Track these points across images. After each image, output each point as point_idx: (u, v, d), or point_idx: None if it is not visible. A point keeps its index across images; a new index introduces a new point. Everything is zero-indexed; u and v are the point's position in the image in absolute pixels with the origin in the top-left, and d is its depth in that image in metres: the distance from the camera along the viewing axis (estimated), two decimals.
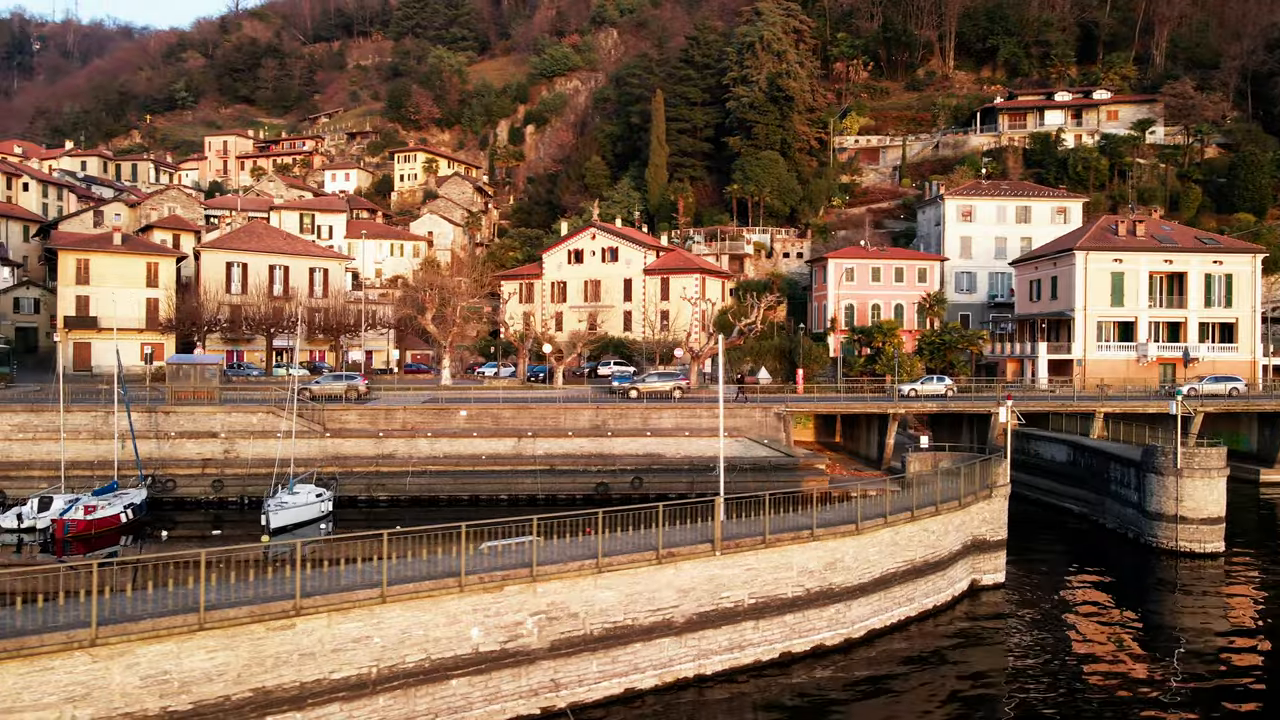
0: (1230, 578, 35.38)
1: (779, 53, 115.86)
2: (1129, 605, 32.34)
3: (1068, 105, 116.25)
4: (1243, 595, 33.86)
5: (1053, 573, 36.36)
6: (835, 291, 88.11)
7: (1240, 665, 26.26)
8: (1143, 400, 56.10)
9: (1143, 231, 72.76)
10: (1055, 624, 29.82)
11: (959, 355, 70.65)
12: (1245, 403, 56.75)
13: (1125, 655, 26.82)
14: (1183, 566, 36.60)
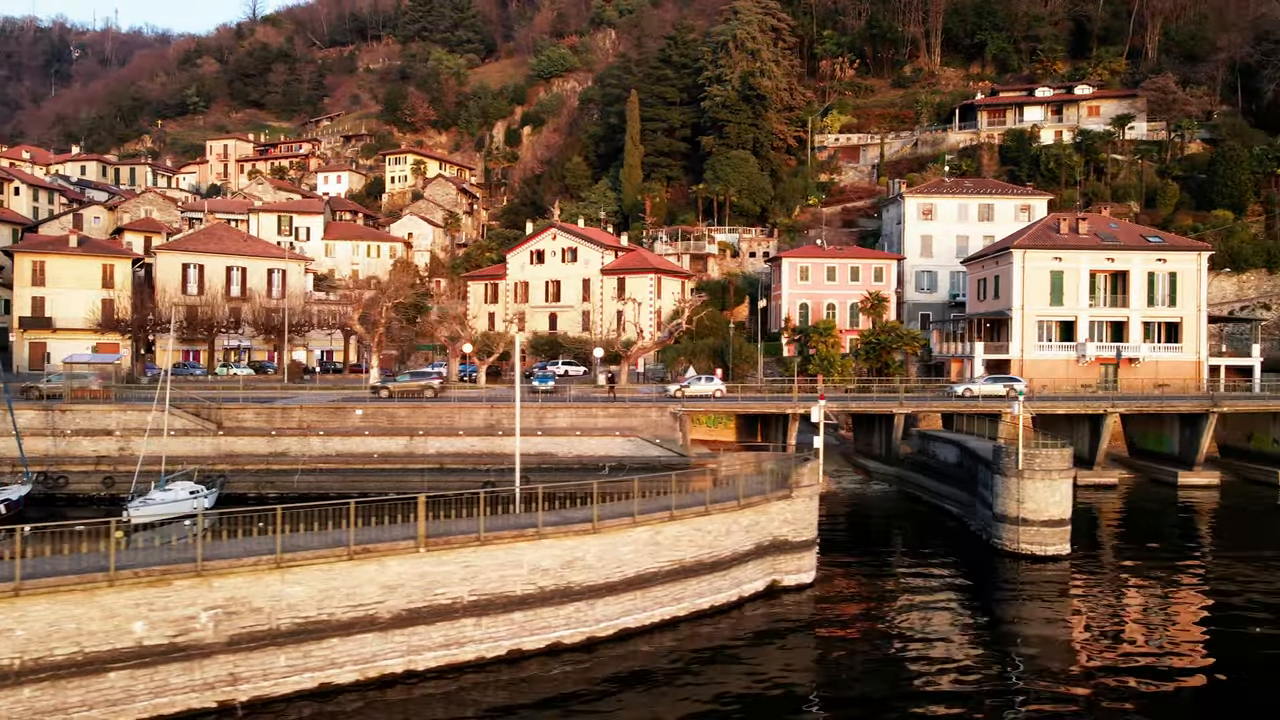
0: (1062, 582, 34.65)
1: (752, 51, 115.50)
2: (947, 607, 31.87)
3: (1048, 101, 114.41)
4: (1066, 600, 33.17)
5: (883, 574, 35.91)
6: (789, 291, 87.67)
7: (1039, 670, 25.97)
8: (1051, 401, 55.20)
9: (1086, 230, 71.41)
10: (854, 625, 29.55)
11: (894, 356, 69.88)
12: (1159, 404, 55.59)
13: (914, 656, 26.55)
14: (1022, 569, 36.03)
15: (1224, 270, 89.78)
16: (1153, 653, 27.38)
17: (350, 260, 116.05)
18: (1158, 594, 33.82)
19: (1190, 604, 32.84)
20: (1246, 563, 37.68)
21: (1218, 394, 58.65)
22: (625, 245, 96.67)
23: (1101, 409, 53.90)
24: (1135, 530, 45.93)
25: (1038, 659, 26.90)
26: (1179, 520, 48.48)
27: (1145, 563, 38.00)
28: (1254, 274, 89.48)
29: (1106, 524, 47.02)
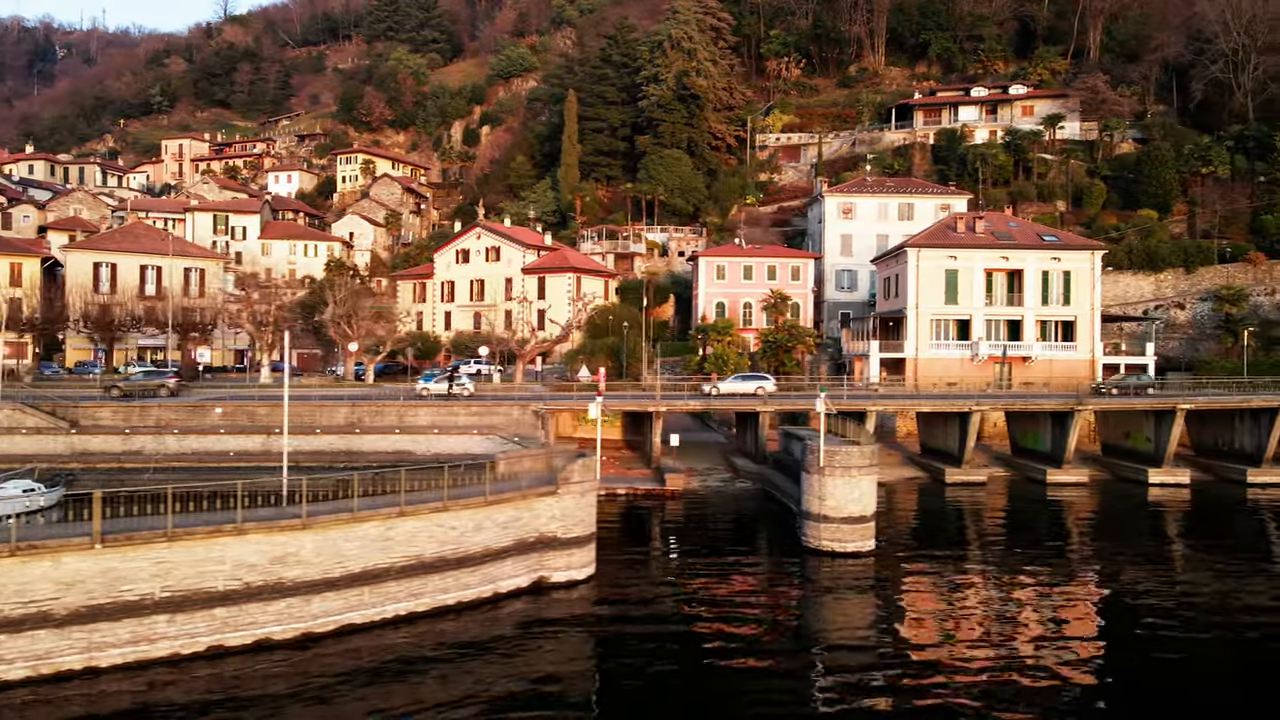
0: (857, 578, 34.66)
1: (688, 51, 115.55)
2: (725, 603, 31.85)
3: (983, 101, 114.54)
4: (849, 596, 33.21)
5: (683, 571, 35.80)
6: (705, 290, 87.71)
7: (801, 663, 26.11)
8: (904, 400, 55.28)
9: (982, 229, 71.50)
10: (622, 620, 29.63)
11: (790, 356, 69.95)
12: (1024, 401, 55.65)
13: (675, 650, 26.74)
14: (822, 566, 36.08)
15: (1142, 270, 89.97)
16: (910, 650, 27.53)
17: (287, 259, 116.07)
18: (952, 591, 33.88)
19: (983, 599, 32.89)
20: (1082, 560, 37.93)
21: (1083, 393, 58.73)
22: (549, 245, 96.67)
23: (967, 407, 53.93)
24: (979, 528, 45.91)
25: (806, 652, 27.09)
26: (1031, 517, 48.52)
27: (959, 560, 38.09)
28: (1171, 273, 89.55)
29: (953, 522, 47.06)
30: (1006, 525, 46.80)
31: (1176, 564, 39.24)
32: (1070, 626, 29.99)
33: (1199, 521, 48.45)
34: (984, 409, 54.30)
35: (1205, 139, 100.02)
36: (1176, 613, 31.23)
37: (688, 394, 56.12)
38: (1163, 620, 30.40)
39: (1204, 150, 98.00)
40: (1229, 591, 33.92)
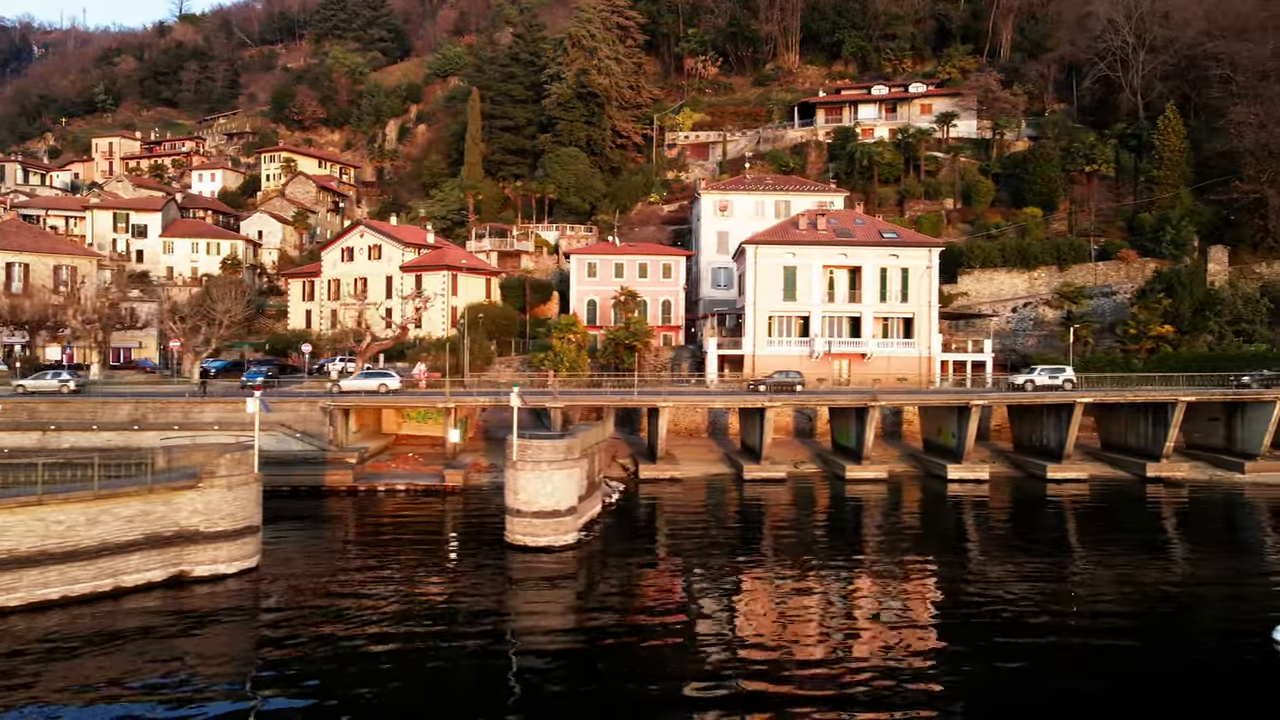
0: (546, 574, 34.57)
1: (590, 49, 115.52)
2: (390, 596, 31.82)
3: (883, 99, 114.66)
4: (524, 592, 33.21)
5: (355, 564, 35.85)
6: (577, 288, 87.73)
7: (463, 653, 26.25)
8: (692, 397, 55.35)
9: (824, 226, 71.58)
10: (269, 613, 29.76)
11: (630, 353, 69.95)
12: (817, 399, 55.70)
13: (300, 646, 26.86)
14: (513, 560, 36.13)
15: (1016, 267, 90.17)
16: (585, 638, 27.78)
17: (190, 258, 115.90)
18: (645, 584, 34.07)
19: (675, 594, 33.04)
20: (818, 556, 38.10)
21: (878, 390, 58.85)
22: (432, 243, 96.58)
23: (760, 404, 54.02)
24: (737, 525, 45.99)
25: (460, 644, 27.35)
26: (804, 514, 48.59)
27: (680, 555, 38.21)
28: (1045, 271, 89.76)
29: (711, 519, 47.03)
30: (783, 522, 46.68)
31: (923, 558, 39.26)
32: (744, 615, 30.27)
33: (991, 515, 48.59)
34: (776, 406, 54.25)
35: (1091, 137, 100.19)
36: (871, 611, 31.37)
37: (480, 391, 56.12)
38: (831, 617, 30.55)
39: (1089, 149, 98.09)
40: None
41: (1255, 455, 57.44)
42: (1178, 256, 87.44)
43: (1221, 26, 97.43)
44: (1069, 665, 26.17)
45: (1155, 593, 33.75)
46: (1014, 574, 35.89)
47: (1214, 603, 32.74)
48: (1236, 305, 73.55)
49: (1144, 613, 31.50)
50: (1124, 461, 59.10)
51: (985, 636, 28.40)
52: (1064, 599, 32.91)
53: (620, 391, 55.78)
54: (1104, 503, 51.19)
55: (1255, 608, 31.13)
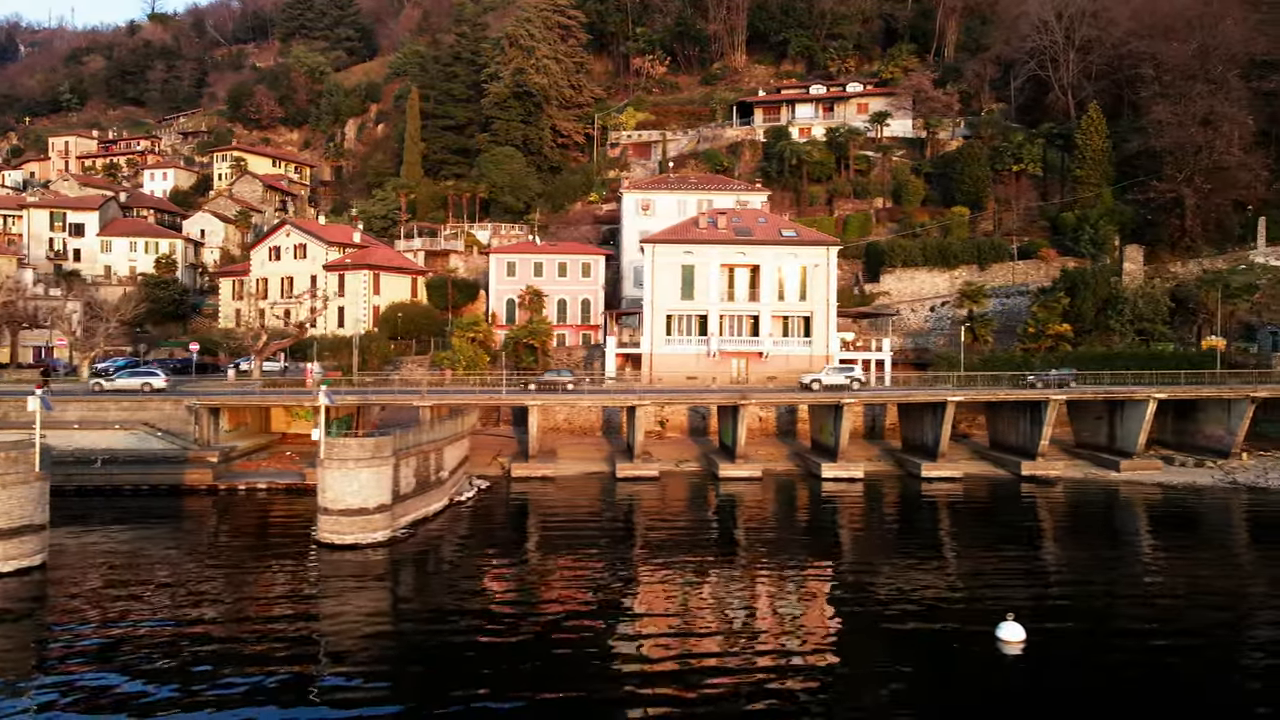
0: (353, 573, 34.59)
1: (527, 48, 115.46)
2: (185, 598, 31.81)
3: (821, 99, 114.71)
4: (317, 590, 33.26)
5: (165, 564, 35.92)
6: (496, 287, 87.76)
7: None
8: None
9: (725, 224, 71.63)
10: (41, 613, 29.86)
11: (530, 352, 70.00)
12: (686, 397, 55.68)
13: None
14: (322, 557, 36.16)
15: (938, 266, 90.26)
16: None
17: (128, 257, 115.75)
18: (462, 580, 34.20)
19: (506, 590, 33.13)
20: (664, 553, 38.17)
21: (748, 388, 58.92)
22: (358, 243, 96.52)
23: (630, 402, 54.04)
24: (594, 522, 45.96)
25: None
26: (670, 511, 48.53)
27: (514, 552, 38.30)
28: (966, 270, 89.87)
29: (567, 517, 47.06)
30: (666, 521, 46.75)
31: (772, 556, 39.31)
32: (546, 605, 30.41)
33: (845, 513, 48.65)
34: (646, 404, 54.25)
35: (1019, 137, 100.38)
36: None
37: (359, 390, 56.15)
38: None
39: (1016, 148, 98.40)
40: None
41: (1131, 454, 57.58)
42: (1096, 256, 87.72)
43: (1148, 26, 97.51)
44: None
45: (915, 590, 33.65)
46: (795, 575, 35.99)
47: (971, 601, 32.48)
48: (1138, 305, 73.60)
49: (888, 613, 31.20)
50: (1005, 460, 59.20)
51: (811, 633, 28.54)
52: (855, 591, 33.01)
53: (488, 390, 55.80)
54: (966, 501, 51.27)
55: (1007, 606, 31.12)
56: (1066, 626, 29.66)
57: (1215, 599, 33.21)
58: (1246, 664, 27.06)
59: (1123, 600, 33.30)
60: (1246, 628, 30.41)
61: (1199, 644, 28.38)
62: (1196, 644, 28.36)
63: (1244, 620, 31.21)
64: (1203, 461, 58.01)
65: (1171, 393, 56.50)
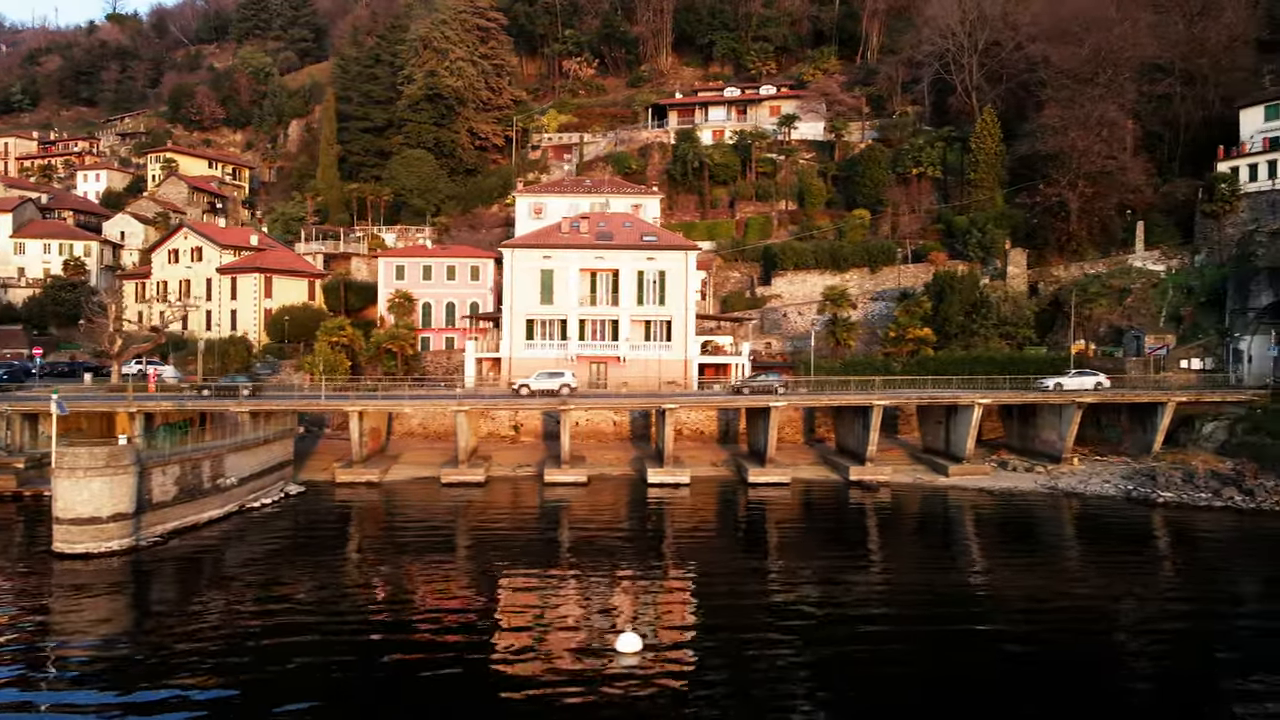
0: (64, 581, 34.63)
1: (441, 50, 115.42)
2: None
3: (735, 101, 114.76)
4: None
5: None
6: (384, 290, 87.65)
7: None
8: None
9: (587, 229, 71.68)
10: None
11: (390, 357, 70.06)
12: (489, 403, 55.76)
13: None
14: (53, 568, 36.16)
15: (829, 269, 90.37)
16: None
17: (42, 259, 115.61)
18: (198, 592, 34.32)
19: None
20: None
21: (574, 395, 59.00)
22: (255, 245, 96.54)
23: (451, 408, 54.11)
24: (400, 529, 46.06)
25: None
26: (489, 518, 48.56)
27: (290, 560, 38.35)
28: (857, 273, 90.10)
29: (374, 524, 47.07)
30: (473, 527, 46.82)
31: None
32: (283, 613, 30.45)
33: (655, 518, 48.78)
34: (464, 409, 54.30)
35: (920, 140, 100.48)
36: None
37: (166, 395, 56.16)
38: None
39: (917, 151, 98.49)
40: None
41: (962, 458, 57.69)
42: (985, 259, 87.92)
43: (1048, 29, 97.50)
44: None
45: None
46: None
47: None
48: (1002, 309, 73.73)
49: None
50: (838, 464, 59.30)
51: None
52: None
53: (308, 396, 55.81)
54: (783, 506, 51.31)
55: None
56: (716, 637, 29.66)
57: (914, 596, 33.41)
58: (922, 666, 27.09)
59: (812, 603, 33.32)
60: (934, 623, 30.46)
61: (860, 650, 28.43)
62: (855, 651, 28.41)
63: (935, 618, 31.18)
64: (1034, 466, 58.14)
65: (995, 398, 56.67)
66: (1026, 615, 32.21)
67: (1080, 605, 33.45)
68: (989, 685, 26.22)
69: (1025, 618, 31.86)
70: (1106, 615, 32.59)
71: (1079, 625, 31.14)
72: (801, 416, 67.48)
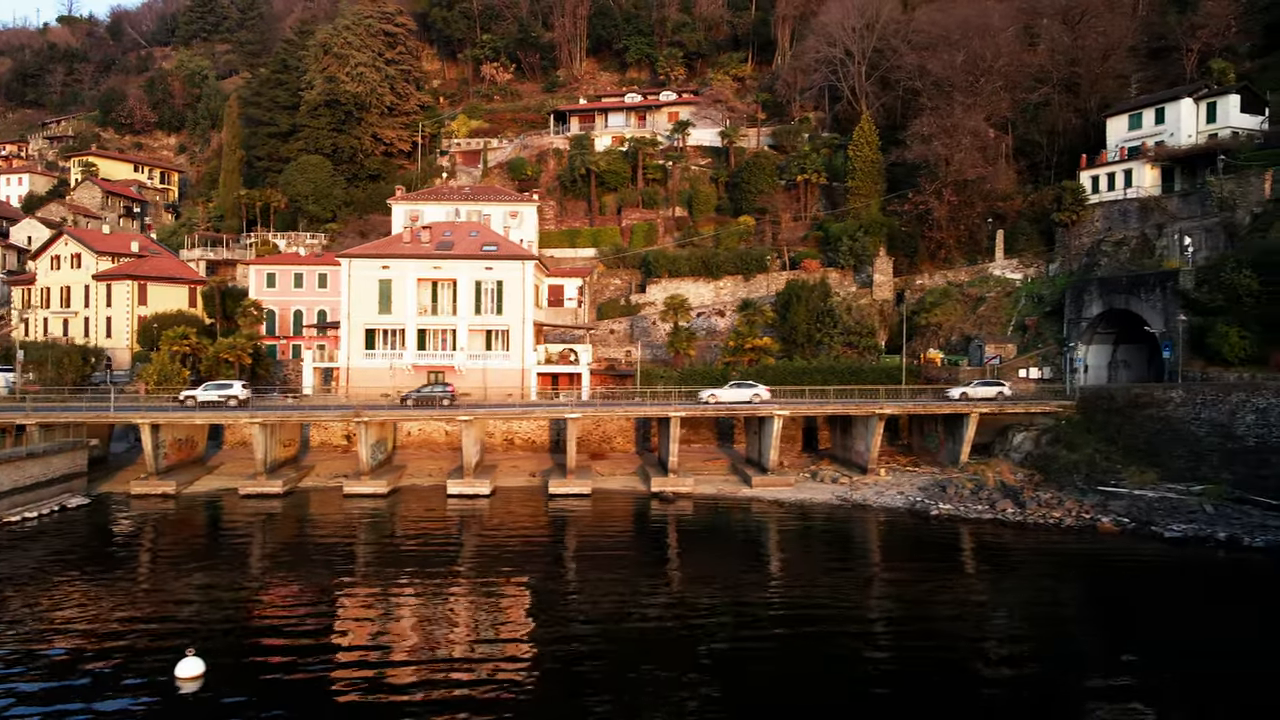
0: None
1: (341, 56, 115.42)
2: None
3: (635, 107, 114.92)
4: None
5: None
6: (255, 298, 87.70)
7: None
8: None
9: (429, 238, 71.78)
10: None
11: (227, 367, 70.10)
12: (299, 414, 55.81)
13: None
14: None
15: (703, 276, 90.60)
16: None
17: None
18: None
19: None
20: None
21: (360, 404, 59.15)
22: (135, 252, 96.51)
23: (233, 419, 54.17)
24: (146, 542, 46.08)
25: None
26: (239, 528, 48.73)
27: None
28: (731, 280, 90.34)
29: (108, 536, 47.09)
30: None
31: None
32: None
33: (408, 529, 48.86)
34: (258, 421, 54.37)
35: (807, 147, 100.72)
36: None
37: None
38: None
39: (802, 158, 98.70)
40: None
41: (768, 469, 57.88)
42: (857, 267, 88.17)
43: (933, 37, 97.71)
44: None
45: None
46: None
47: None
48: (845, 319, 73.95)
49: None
50: (648, 475, 59.39)
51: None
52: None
53: (94, 408, 55.81)
54: (576, 519, 51.37)
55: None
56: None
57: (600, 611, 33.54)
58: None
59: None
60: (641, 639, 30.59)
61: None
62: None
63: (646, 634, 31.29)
64: (841, 477, 58.32)
65: (794, 410, 56.84)
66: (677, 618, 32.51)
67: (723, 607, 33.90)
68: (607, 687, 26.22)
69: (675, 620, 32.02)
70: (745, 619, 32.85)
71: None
72: (634, 426, 67.62)
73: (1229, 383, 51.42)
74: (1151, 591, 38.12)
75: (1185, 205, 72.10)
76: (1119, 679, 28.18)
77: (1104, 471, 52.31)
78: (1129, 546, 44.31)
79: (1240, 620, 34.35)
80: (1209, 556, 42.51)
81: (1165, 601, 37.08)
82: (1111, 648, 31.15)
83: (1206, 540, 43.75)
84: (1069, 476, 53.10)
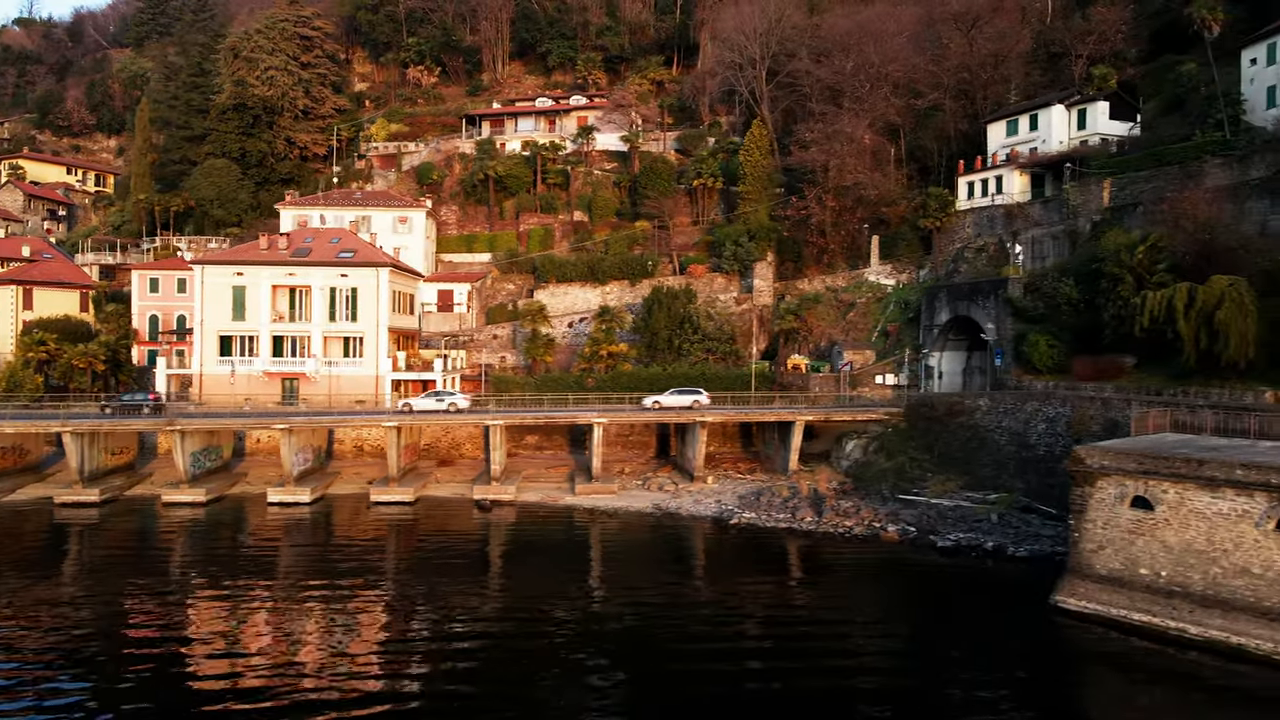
0: None
1: (251, 60, 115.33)
2: None
3: (545, 112, 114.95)
4: None
5: None
6: (139, 303, 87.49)
7: None
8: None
9: (285, 245, 71.74)
10: None
11: (79, 374, 70.01)
12: (112, 423, 55.73)
13: None
14: None
15: (590, 282, 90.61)
16: None
17: None
18: None
19: None
20: None
21: (176, 414, 59.10)
22: (27, 256, 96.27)
23: (55, 428, 54.13)
24: None
25: None
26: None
27: None
28: (617, 286, 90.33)
29: None
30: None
31: None
32: None
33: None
34: (69, 430, 54.31)
35: (705, 151, 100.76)
36: None
37: None
38: None
39: (699, 163, 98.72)
40: None
41: (591, 476, 57.89)
42: (742, 272, 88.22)
43: (828, 43, 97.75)
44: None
45: None
46: None
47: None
48: (706, 325, 74.01)
49: None
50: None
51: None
52: None
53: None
54: (397, 528, 51.40)
55: None
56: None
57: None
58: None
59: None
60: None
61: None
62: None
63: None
64: (669, 484, 58.31)
65: (613, 418, 56.80)
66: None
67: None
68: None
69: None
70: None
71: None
72: (482, 433, 67.58)
73: (1027, 391, 51.49)
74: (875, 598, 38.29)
75: (1045, 212, 72.21)
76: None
77: (910, 480, 52.37)
78: (902, 556, 44.39)
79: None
80: (975, 565, 42.60)
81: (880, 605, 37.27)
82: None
83: (974, 549, 43.78)
84: (877, 485, 53.18)
